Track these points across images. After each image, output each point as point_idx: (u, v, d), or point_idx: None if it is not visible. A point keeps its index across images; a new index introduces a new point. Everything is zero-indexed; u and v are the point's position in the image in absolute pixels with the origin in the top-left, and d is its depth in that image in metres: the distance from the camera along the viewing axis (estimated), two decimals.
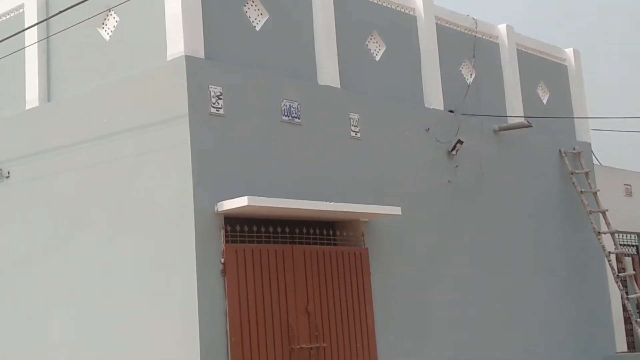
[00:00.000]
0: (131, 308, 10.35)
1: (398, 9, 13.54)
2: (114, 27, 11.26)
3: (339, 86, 12.12)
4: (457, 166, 13.57)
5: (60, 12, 10.19)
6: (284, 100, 11.25)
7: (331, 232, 11.48)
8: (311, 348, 10.66)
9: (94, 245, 10.87)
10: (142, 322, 10.22)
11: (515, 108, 15.14)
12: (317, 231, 11.22)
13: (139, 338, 10.23)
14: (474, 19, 14.85)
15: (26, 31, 11.63)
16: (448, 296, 12.99)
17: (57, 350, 11.09)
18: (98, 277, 10.76)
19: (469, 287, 13.39)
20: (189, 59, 10.21)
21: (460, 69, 14.46)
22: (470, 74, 14.56)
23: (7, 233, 12.01)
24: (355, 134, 12.14)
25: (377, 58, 13.01)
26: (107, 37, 11.34)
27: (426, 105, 13.60)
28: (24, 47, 11.94)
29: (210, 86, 10.40)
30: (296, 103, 11.36)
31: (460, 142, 13.45)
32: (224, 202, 10.04)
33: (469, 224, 13.68)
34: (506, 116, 14.96)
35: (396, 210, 11.69)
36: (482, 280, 13.65)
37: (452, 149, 13.46)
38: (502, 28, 15.44)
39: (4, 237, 12.05)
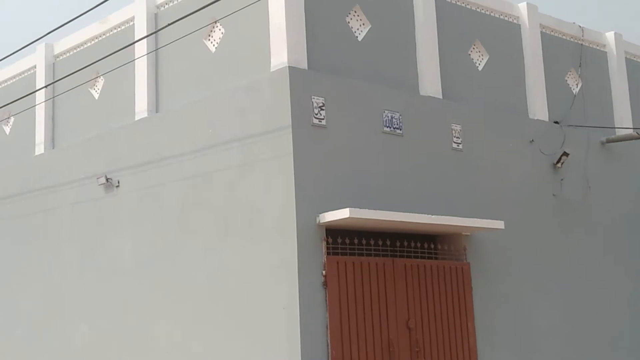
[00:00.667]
0: (234, 317, 10.50)
1: (501, 17, 13.31)
2: (219, 38, 11.48)
3: (440, 97, 11.99)
4: (562, 179, 13.21)
5: (169, 24, 10.46)
6: (386, 111, 11.21)
7: (432, 246, 11.36)
8: None
9: (199, 253, 11.09)
10: (245, 331, 10.34)
11: (623, 119, 14.64)
12: (418, 244, 11.13)
13: (242, 347, 10.35)
14: (580, 26, 14.45)
15: (136, 44, 11.98)
16: (553, 312, 12.65)
17: (164, 356, 11.35)
18: (202, 285, 10.97)
19: (574, 303, 13.00)
20: (292, 70, 10.30)
21: (566, 78, 14.09)
22: (577, 84, 14.16)
23: (118, 240, 12.39)
24: (457, 146, 11.98)
25: (480, 68, 12.82)
26: (213, 49, 11.57)
27: (530, 116, 13.30)
28: (134, 60, 12.31)
29: (312, 97, 10.46)
30: (398, 114, 11.30)
31: (565, 154, 13.09)
32: (325, 213, 10.07)
33: (574, 238, 13.29)
34: (614, 127, 14.47)
35: (499, 224, 11.47)
36: (588, 296, 13.23)
37: (557, 162, 13.11)
38: (609, 36, 14.97)
39: (114, 244, 12.44)
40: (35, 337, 13.59)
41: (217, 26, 11.50)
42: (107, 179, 12.53)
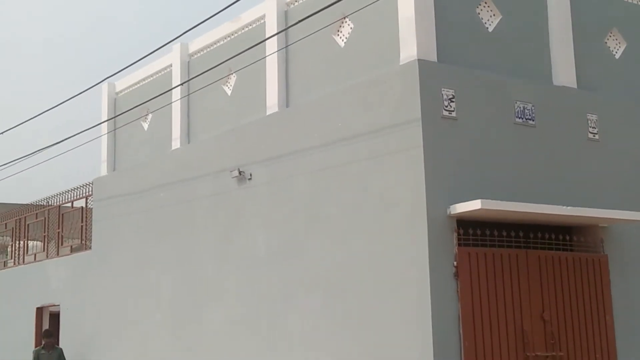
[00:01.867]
0: (365, 308, 10.63)
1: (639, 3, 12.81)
2: (348, 33, 11.61)
3: (575, 86, 11.69)
4: None
5: (299, 21, 10.67)
6: (518, 102, 11.04)
7: (567, 238, 11.11)
8: (547, 356, 10.40)
9: (328, 245, 11.28)
10: (376, 322, 10.45)
11: None
12: (553, 236, 10.91)
13: (373, 338, 10.47)
14: None
15: (267, 41, 12.29)
16: None
17: (294, 345, 11.63)
18: (333, 276, 11.16)
19: None
20: (422, 63, 10.31)
21: None
22: None
23: (250, 232, 12.77)
24: (594, 136, 11.65)
25: (617, 56, 12.40)
26: (342, 44, 11.71)
27: None
28: (265, 56, 12.63)
29: (442, 89, 10.42)
30: (530, 104, 11.10)
31: None
32: (456, 205, 10.04)
33: None
34: None
35: (639, 215, 11.07)
36: None
37: None
38: None
39: (246, 236, 12.83)
40: (174, 322, 14.20)
41: (346, 21, 11.63)
42: (239, 172, 12.92)
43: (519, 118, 11.01)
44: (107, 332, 16.02)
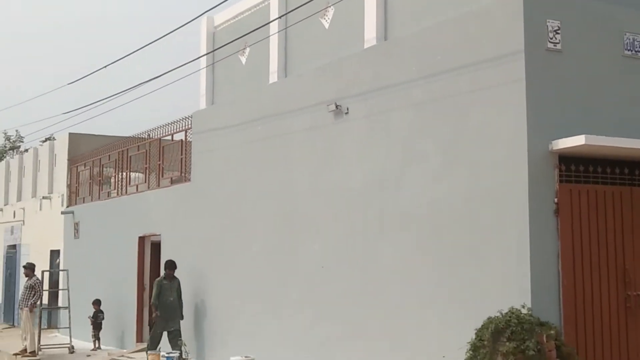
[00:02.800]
0: (461, 244, 10.57)
1: None
2: None
3: None
4: None
5: None
6: (627, 34, 10.57)
7: None
8: None
9: (427, 180, 11.21)
10: (472, 260, 10.39)
11: None
12: None
13: (469, 274, 10.43)
14: None
15: None
16: None
17: (388, 278, 11.72)
18: (430, 212, 11.11)
19: None
20: None
21: None
22: None
23: (346, 167, 12.81)
24: None
25: None
26: None
27: None
28: None
29: (547, 20, 10.07)
30: None
31: None
32: (558, 140, 9.78)
33: None
34: None
35: None
36: None
37: None
38: None
39: (342, 170, 12.87)
40: (269, 254, 14.50)
41: None
42: (336, 106, 12.90)
43: (628, 50, 10.56)
44: (205, 263, 16.50)
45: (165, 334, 16.27)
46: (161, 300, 16.16)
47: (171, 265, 16.51)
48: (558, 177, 9.88)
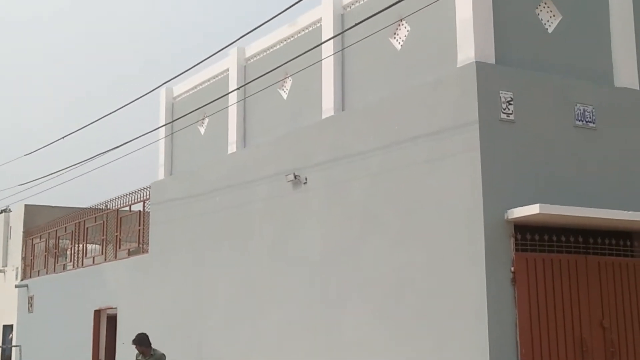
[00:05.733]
0: (420, 312, 10.52)
1: None
2: (405, 36, 11.54)
3: (637, 88, 11.42)
4: None
5: (355, 24, 10.68)
6: (578, 104, 10.82)
7: (628, 243, 10.83)
8: None
9: (385, 248, 11.21)
10: (431, 330, 10.33)
11: None
12: (613, 241, 10.65)
13: (428, 342, 10.36)
14: None
15: (323, 44, 12.29)
16: None
17: (349, 348, 11.57)
18: (388, 280, 11.08)
19: None
20: (480, 65, 10.17)
21: None
22: None
23: (305, 236, 12.77)
24: None
25: None
26: (398, 47, 11.65)
27: None
28: (321, 60, 12.63)
29: (500, 92, 10.28)
30: (591, 107, 10.87)
31: None
32: (514, 209, 9.87)
33: None
34: None
35: None
36: None
37: None
38: None
39: (302, 240, 12.83)
40: (229, 324, 14.27)
41: (402, 24, 11.57)
42: (295, 176, 12.93)
43: (579, 121, 10.79)
44: (164, 336, 16.17)
45: None
46: None
47: (140, 340, 13.13)
48: (514, 246, 9.94)
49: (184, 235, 15.99)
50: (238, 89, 14.52)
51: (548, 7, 11.06)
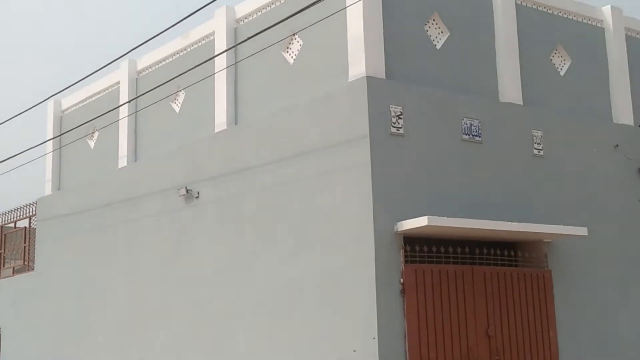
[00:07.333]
0: (312, 325, 10.52)
1: (585, 21, 13.03)
2: (297, 50, 11.59)
3: (521, 103, 11.81)
4: None
5: (248, 38, 10.63)
6: (465, 119, 11.10)
7: (513, 253, 11.17)
8: None
9: (277, 262, 11.17)
10: (323, 339, 10.35)
11: None
12: (498, 252, 10.95)
13: (320, 354, 10.35)
14: None
15: (216, 58, 12.20)
16: (638, 321, 12.24)
17: None
18: (280, 293, 11.04)
19: None
20: (370, 80, 10.31)
21: None
22: None
23: (197, 249, 12.59)
24: (539, 152, 11.76)
25: (562, 73, 12.57)
26: (291, 61, 11.68)
27: (614, 121, 12.97)
28: (214, 73, 12.53)
29: (390, 106, 10.44)
30: (477, 121, 11.18)
31: None
32: (403, 222, 10.02)
33: None
34: None
35: (582, 230, 11.19)
36: None
37: None
38: None
39: (194, 255, 12.65)
40: (117, 343, 13.91)
41: (295, 38, 11.61)
42: (187, 190, 12.76)
43: (466, 134, 11.07)
44: (51, 355, 15.62)
45: None
46: None
47: None
48: (403, 257, 10.08)
49: (72, 252, 15.51)
50: (129, 102, 14.24)
51: (436, 23, 11.32)
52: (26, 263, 17.11)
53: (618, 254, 12.29)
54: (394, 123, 10.42)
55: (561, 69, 12.58)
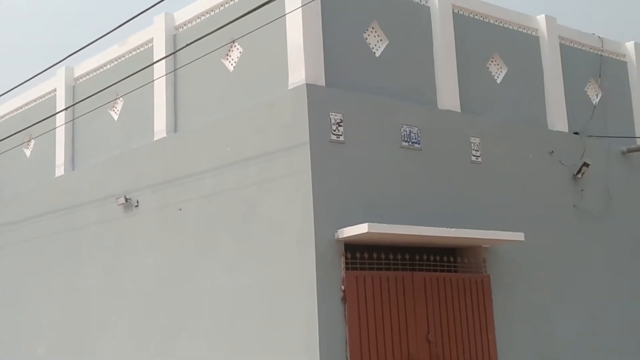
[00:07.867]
0: (254, 333, 10.49)
1: (520, 29, 13.29)
2: (237, 58, 11.56)
3: (459, 110, 11.98)
4: (582, 190, 13.13)
5: (187, 45, 10.55)
6: (404, 126, 11.21)
7: (452, 259, 11.31)
8: None
9: (218, 271, 11.11)
10: (265, 347, 10.32)
11: None
12: (438, 258, 11.08)
13: None
14: (599, 37, 14.39)
15: (155, 65, 12.09)
16: (574, 324, 12.52)
17: None
18: (222, 302, 10.98)
19: (596, 315, 12.85)
20: (310, 87, 10.34)
21: (586, 89, 14.03)
22: (596, 94, 14.09)
23: (138, 259, 12.44)
24: (476, 159, 11.95)
25: (499, 80, 12.80)
26: (231, 68, 11.64)
27: (550, 128, 13.25)
28: (153, 81, 12.41)
29: (330, 113, 10.48)
30: (416, 128, 11.30)
31: (586, 164, 13.01)
32: (344, 229, 10.06)
33: (595, 249, 13.17)
34: (635, 137, 14.38)
35: (519, 236, 11.39)
36: (610, 307, 13.08)
37: (578, 172, 13.04)
38: (629, 46, 14.90)
39: (134, 263, 12.49)
40: (58, 355, 13.64)
41: (235, 46, 11.58)
42: (126, 199, 12.61)
43: (405, 141, 11.18)
44: None
45: None
46: None
47: None
48: (344, 264, 10.12)
49: (7, 263, 15.17)
50: (66, 109, 13.99)
51: (375, 31, 11.42)
52: None
53: (554, 258, 12.54)
54: (334, 130, 10.47)
55: (497, 77, 12.81)
